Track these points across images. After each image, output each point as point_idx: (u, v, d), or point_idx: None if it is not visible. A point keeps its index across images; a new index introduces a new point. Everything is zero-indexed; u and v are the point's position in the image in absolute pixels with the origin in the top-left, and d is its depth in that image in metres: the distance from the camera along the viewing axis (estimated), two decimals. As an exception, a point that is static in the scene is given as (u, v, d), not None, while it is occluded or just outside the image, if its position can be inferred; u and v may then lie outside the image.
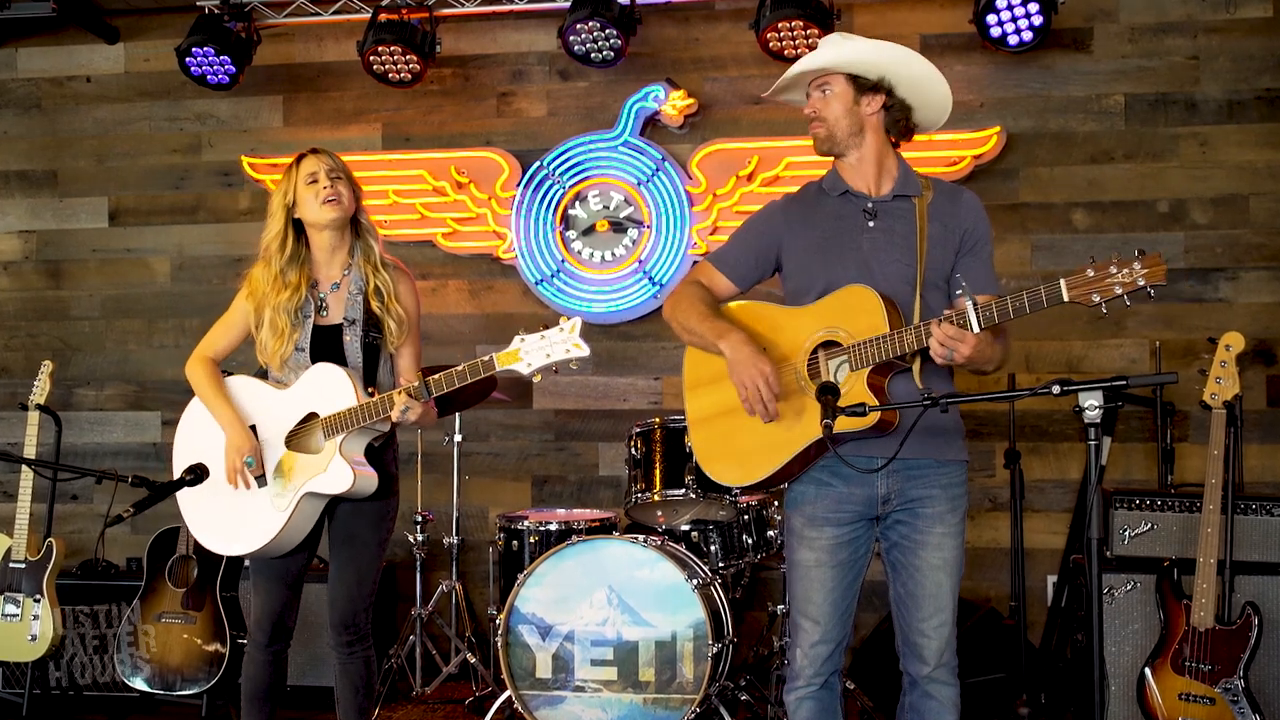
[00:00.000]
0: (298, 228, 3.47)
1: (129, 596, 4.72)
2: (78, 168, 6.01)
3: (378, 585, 3.54)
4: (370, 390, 3.35)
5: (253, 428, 3.45)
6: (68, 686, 4.79)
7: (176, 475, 3.44)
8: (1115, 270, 2.55)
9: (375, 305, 3.45)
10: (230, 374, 3.58)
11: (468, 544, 5.40)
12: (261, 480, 3.41)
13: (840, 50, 2.99)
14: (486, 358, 3.17)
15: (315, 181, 3.41)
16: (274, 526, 3.36)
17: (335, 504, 3.45)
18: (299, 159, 3.48)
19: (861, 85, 2.98)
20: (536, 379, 3.17)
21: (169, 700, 4.66)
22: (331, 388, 3.35)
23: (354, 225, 3.51)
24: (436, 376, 3.22)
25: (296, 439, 3.40)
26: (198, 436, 3.55)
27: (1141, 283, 2.54)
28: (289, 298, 3.41)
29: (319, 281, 3.49)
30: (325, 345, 3.43)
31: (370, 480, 3.39)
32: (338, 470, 3.31)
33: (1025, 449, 4.91)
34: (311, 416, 3.38)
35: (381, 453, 3.49)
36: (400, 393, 3.23)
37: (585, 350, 3.10)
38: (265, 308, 3.44)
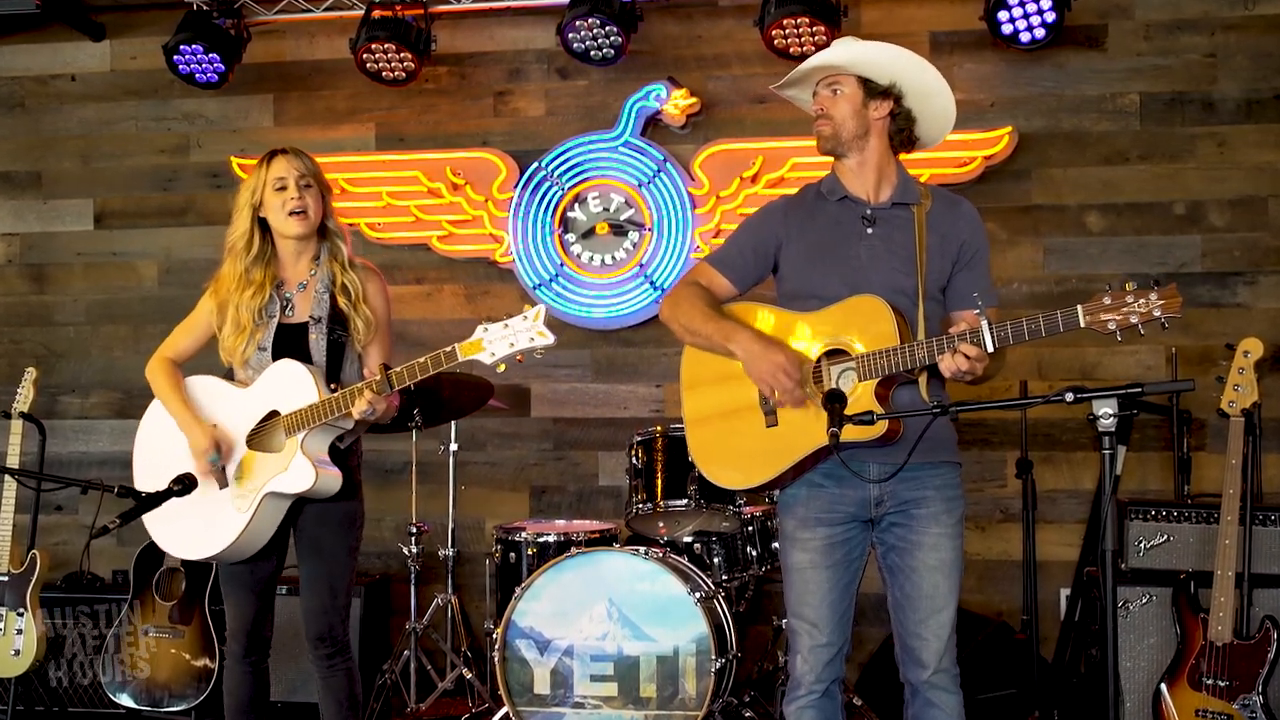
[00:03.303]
0: (264, 225, 3.51)
1: (115, 610, 4.74)
2: (62, 169, 6.03)
3: (351, 595, 3.55)
4: (333, 387, 3.37)
5: (214, 428, 3.47)
6: (68, 688, 4.84)
7: (138, 483, 3.48)
8: (1131, 300, 2.63)
9: (343, 302, 3.48)
10: None
11: (464, 556, 5.41)
12: (223, 481, 3.43)
13: (855, 50, 3.06)
14: (449, 348, 3.18)
15: (284, 189, 3.44)
16: (235, 528, 3.37)
17: (299, 511, 3.46)
18: (270, 158, 3.50)
19: (872, 89, 3.05)
20: (501, 369, 3.18)
21: (157, 717, 4.67)
22: (293, 385, 3.37)
23: (322, 227, 3.54)
24: (398, 369, 3.24)
25: (258, 438, 3.42)
26: (159, 441, 3.57)
27: (1157, 314, 2.62)
28: (252, 296, 3.45)
29: (285, 281, 3.53)
30: (290, 344, 3.45)
31: (334, 479, 3.39)
32: (299, 469, 3.32)
33: (1037, 458, 4.92)
34: (273, 415, 3.40)
35: (346, 454, 3.50)
36: (363, 388, 3.25)
37: (550, 338, 3.12)
38: (229, 305, 3.48)
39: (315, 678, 3.53)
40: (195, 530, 3.44)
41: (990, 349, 2.75)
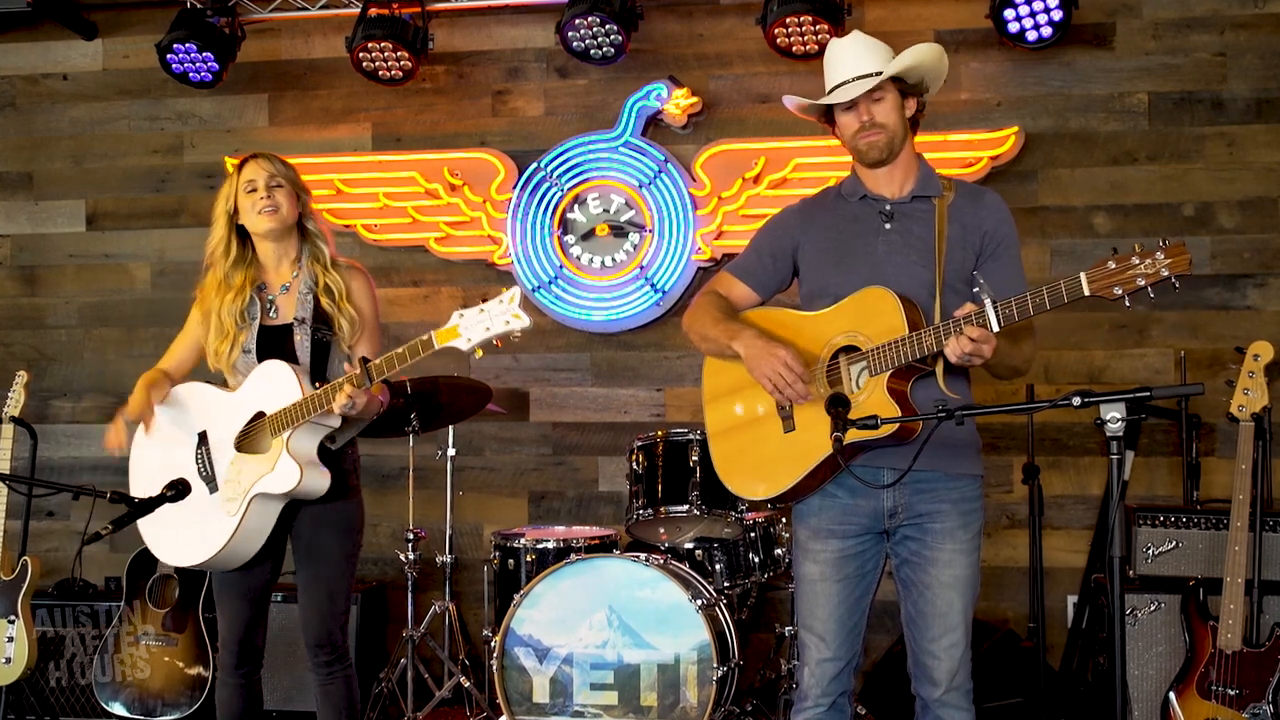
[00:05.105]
0: (242, 232, 3.59)
1: (114, 611, 4.76)
2: (54, 169, 6.04)
3: (350, 600, 3.58)
4: (317, 385, 3.40)
5: (203, 434, 3.51)
6: (66, 689, 4.89)
7: (133, 491, 3.51)
8: (1137, 261, 2.55)
9: (326, 303, 3.53)
10: None
11: (461, 563, 5.41)
12: (213, 486, 3.46)
13: (910, 56, 3.04)
14: (426, 336, 3.24)
15: (254, 190, 3.52)
16: (225, 533, 3.39)
17: (295, 514, 3.48)
18: (241, 164, 3.60)
19: (904, 89, 3.07)
20: (478, 355, 3.23)
21: (149, 726, 4.68)
22: (277, 384, 3.41)
23: (302, 229, 3.60)
24: (377, 361, 3.28)
25: (247, 441, 3.45)
26: (153, 450, 3.60)
27: (1165, 273, 2.53)
28: (232, 299, 3.53)
29: (268, 284, 3.59)
30: (275, 346, 3.50)
31: (320, 479, 3.42)
32: (285, 468, 3.35)
33: (1044, 463, 4.92)
34: (260, 416, 3.43)
35: (339, 456, 3.53)
36: (342, 382, 3.28)
37: (525, 320, 3.18)
38: (213, 313, 3.55)
39: (313, 685, 3.55)
40: (187, 536, 3.46)
41: (995, 327, 2.70)
